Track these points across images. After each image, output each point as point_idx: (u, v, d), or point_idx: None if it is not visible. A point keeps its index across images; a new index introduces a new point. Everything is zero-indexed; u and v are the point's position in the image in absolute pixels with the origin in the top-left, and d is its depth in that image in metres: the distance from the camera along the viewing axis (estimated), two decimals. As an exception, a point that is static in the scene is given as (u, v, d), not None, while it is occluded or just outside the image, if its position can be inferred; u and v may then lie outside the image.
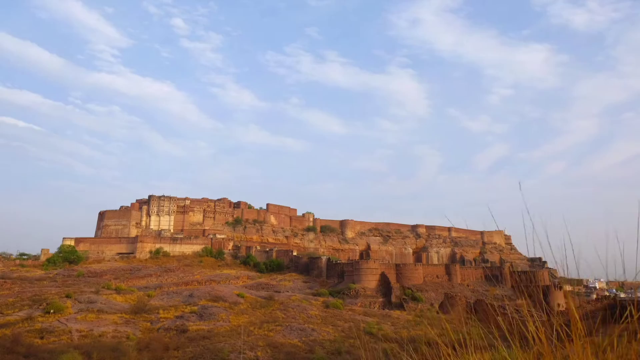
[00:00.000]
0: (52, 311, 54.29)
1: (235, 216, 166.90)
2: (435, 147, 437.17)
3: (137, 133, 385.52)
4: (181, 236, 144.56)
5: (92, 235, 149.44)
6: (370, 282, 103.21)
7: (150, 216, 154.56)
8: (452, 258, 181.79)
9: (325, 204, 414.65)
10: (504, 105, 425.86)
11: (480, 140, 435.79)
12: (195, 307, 60.83)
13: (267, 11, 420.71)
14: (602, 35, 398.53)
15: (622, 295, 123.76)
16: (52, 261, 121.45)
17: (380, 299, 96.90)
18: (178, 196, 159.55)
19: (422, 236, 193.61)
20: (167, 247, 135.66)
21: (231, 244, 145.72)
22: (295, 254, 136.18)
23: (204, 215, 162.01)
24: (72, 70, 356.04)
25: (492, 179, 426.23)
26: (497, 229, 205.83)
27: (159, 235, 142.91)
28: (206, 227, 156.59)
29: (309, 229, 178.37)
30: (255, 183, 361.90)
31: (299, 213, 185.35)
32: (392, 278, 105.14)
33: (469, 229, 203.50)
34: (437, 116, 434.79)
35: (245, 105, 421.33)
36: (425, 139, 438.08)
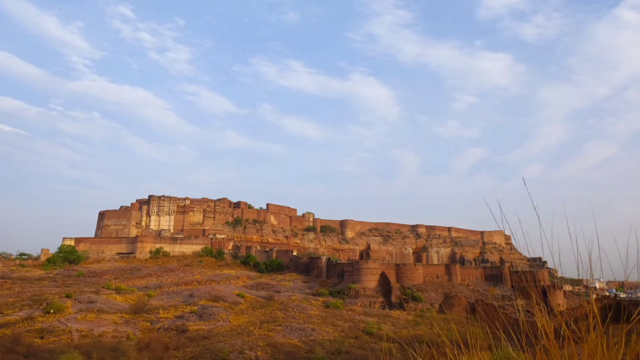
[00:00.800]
0: (52, 311, 54.26)
1: (235, 216, 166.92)
2: (412, 151, 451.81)
3: (119, 138, 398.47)
4: (181, 236, 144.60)
5: (92, 235, 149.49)
6: (370, 282, 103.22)
7: (150, 216, 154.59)
8: (452, 258, 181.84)
9: (325, 204, 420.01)
10: (471, 111, 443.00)
11: (453, 144, 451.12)
12: (195, 307, 60.81)
13: (233, 25, 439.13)
14: (552, 47, 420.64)
15: (622, 295, 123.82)
16: (52, 261, 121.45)
17: (380, 299, 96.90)
18: (178, 196, 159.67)
19: (422, 236, 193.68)
20: (167, 247, 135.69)
21: (231, 244, 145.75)
22: (295, 254, 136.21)
23: (204, 215, 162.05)
24: (51, 79, 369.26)
25: (472, 180, 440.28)
26: (498, 228, 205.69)
27: (159, 235, 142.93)
28: (206, 227, 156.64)
29: (309, 229, 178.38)
30: (241, 186, 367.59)
31: (299, 213, 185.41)
32: (392, 278, 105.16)
33: (469, 229, 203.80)
34: (408, 122, 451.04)
35: (222, 112, 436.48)
36: (400, 143, 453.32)
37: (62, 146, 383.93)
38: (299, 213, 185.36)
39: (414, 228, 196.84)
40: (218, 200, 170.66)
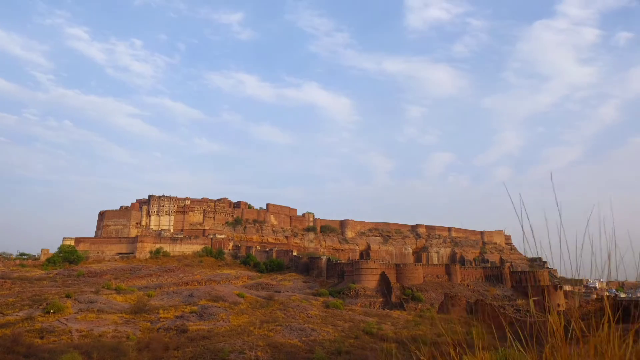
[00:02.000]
0: (52, 311, 54.23)
1: (235, 216, 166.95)
2: (381, 155, 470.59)
3: (93, 144, 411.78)
4: (181, 236, 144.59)
5: (92, 235, 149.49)
6: (370, 282, 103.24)
7: (150, 216, 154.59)
8: (452, 258, 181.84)
9: (325, 204, 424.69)
10: (425, 120, 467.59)
11: (418, 150, 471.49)
12: (195, 307, 60.77)
13: (189, 44, 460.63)
14: (484, 63, 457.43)
15: (622, 295, 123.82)
16: (52, 261, 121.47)
17: (380, 299, 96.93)
18: (178, 196, 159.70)
19: (422, 236, 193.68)
20: (167, 247, 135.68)
21: (231, 244, 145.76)
22: (295, 254, 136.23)
23: (204, 215, 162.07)
24: (20, 91, 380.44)
25: (446, 183, 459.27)
26: (498, 228, 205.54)
27: (159, 235, 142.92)
28: (206, 227, 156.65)
29: (309, 229, 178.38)
30: (219, 189, 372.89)
31: (299, 213, 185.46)
32: (392, 278, 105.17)
33: (469, 228, 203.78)
34: (369, 129, 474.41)
35: (190, 120, 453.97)
36: (366, 148, 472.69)
37: (40, 152, 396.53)
38: (299, 213, 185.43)
39: (414, 228, 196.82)
40: (218, 200, 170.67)
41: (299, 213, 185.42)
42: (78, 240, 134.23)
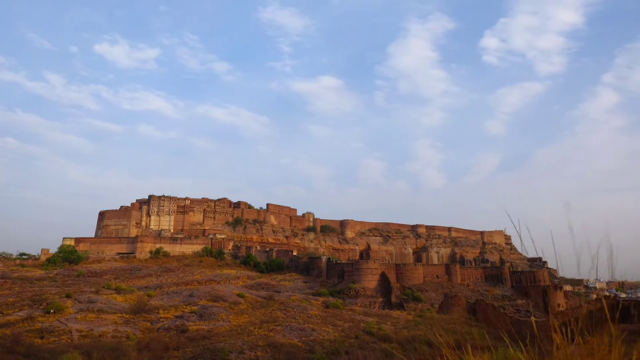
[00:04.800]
0: (52, 311, 54.26)
1: (235, 216, 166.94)
2: (313, 164, 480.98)
3: (40, 158, 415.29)
4: (181, 236, 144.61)
5: (92, 235, 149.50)
6: (370, 282, 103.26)
7: (150, 216, 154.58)
8: (452, 258, 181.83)
9: (326, 204, 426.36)
10: (334, 137, 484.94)
11: (344, 160, 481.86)
12: (195, 307, 60.80)
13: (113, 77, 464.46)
14: (355, 93, 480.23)
15: (623, 295, 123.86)
16: (52, 261, 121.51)
17: (380, 299, 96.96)
18: (178, 196, 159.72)
19: (422, 236, 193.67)
20: (167, 247, 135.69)
21: (231, 243, 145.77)
22: (295, 254, 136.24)
23: (204, 215, 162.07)
24: None
25: (387, 188, 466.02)
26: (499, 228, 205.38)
27: (159, 235, 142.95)
28: (206, 227, 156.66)
29: (309, 229, 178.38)
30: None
31: (299, 213, 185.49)
32: (392, 278, 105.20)
33: (469, 229, 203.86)
34: (290, 143, 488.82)
35: (124, 137, 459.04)
36: (296, 158, 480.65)
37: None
38: (299, 213, 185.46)
39: (414, 228, 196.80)
40: (218, 200, 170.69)
41: (299, 213, 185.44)
42: (78, 240, 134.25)
